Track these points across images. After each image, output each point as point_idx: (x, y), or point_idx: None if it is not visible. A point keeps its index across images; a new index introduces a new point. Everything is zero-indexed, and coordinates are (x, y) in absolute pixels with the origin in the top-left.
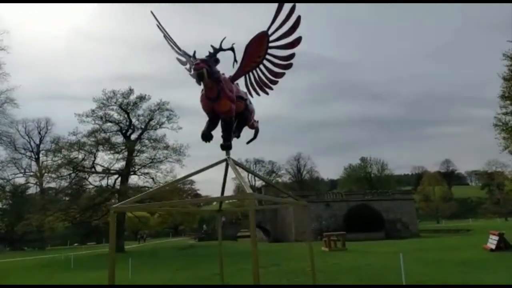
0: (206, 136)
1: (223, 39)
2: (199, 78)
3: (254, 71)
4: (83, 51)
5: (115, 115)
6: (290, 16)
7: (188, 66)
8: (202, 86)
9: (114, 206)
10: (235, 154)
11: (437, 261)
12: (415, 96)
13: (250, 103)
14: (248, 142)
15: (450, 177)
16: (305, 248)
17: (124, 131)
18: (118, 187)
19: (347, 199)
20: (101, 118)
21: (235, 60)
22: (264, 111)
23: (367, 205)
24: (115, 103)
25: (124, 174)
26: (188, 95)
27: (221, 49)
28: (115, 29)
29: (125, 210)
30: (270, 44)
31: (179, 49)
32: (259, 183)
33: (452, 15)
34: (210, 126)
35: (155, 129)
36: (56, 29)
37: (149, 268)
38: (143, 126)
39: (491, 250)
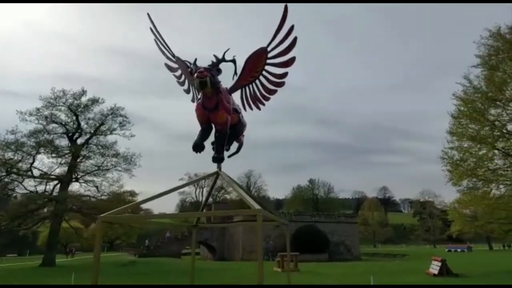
0: (199, 146)
1: (227, 50)
2: (201, 86)
3: (250, 86)
4: (26, 45)
5: (62, 116)
6: (289, 35)
7: (178, 73)
8: (190, 95)
9: (101, 215)
10: (185, 167)
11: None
12: (362, 126)
13: (242, 116)
14: (230, 156)
15: (386, 203)
16: (253, 267)
17: (70, 134)
18: (57, 193)
19: (296, 220)
20: (46, 118)
21: (235, 73)
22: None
23: (314, 226)
24: (64, 103)
25: (65, 180)
26: (138, 104)
27: (223, 59)
28: (66, 27)
29: (113, 220)
30: (268, 61)
31: (173, 54)
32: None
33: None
34: (203, 136)
35: (105, 135)
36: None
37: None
38: (92, 131)
39: (434, 275)
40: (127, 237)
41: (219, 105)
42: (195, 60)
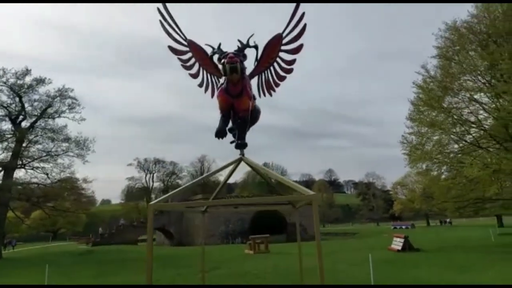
0: (223, 132)
1: (251, 36)
2: (232, 71)
3: (265, 72)
4: None
5: (3, 97)
6: (300, 22)
7: (186, 56)
8: (209, 82)
9: (152, 203)
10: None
11: (362, 261)
12: (311, 110)
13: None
14: (232, 142)
15: (332, 185)
16: (223, 250)
17: (13, 117)
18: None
19: (255, 203)
20: None
21: (257, 59)
22: (161, 108)
23: (273, 209)
24: (5, 83)
25: (10, 167)
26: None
27: (248, 45)
28: None
29: (165, 208)
30: (282, 47)
31: (185, 37)
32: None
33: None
34: (225, 122)
35: (53, 118)
36: None
37: (62, 275)
38: (38, 113)
39: (398, 250)
40: (72, 225)
41: (243, 92)
42: (220, 44)
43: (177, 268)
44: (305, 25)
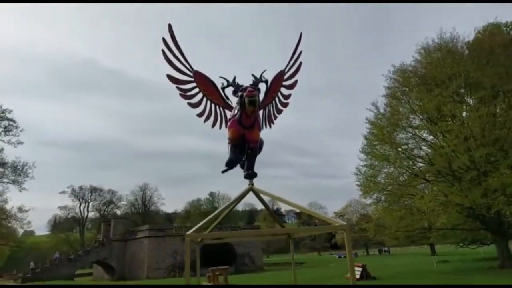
0: (234, 162)
1: (264, 71)
2: (252, 104)
3: (269, 105)
4: None
5: None
6: (297, 60)
7: (189, 86)
8: (217, 113)
9: (189, 232)
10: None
11: None
12: None
13: None
14: (223, 171)
15: (275, 214)
16: (174, 283)
17: None
18: None
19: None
20: None
21: (267, 93)
22: (93, 132)
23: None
24: None
25: None
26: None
27: (261, 80)
28: None
29: (201, 237)
30: (283, 83)
31: (191, 68)
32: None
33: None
34: (238, 152)
35: None
36: None
37: None
38: None
39: (357, 279)
40: None
41: (255, 124)
42: (234, 78)
43: None
44: (300, 63)
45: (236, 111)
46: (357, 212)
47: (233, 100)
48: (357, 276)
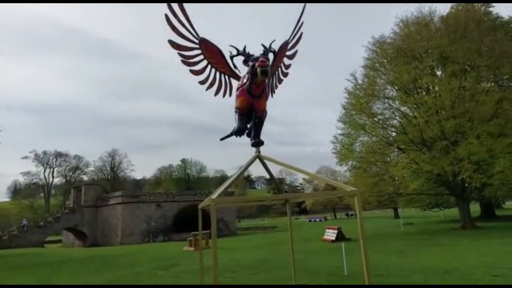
0: (243, 130)
1: (273, 41)
2: (264, 74)
3: (273, 75)
4: None
5: None
6: (299, 31)
7: (193, 53)
8: (225, 82)
9: (213, 198)
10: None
11: (314, 252)
12: (222, 106)
13: None
14: (222, 139)
15: (245, 181)
16: (158, 249)
17: None
18: None
19: (178, 200)
20: None
21: (273, 63)
22: (59, 96)
23: (197, 205)
24: None
25: None
26: None
27: (270, 49)
28: None
29: (226, 203)
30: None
31: (197, 35)
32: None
33: None
34: (246, 121)
35: None
36: None
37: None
38: None
39: (332, 241)
40: None
41: (263, 93)
42: (245, 47)
43: (124, 268)
44: (301, 34)
45: (245, 80)
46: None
47: (242, 69)
48: (333, 238)
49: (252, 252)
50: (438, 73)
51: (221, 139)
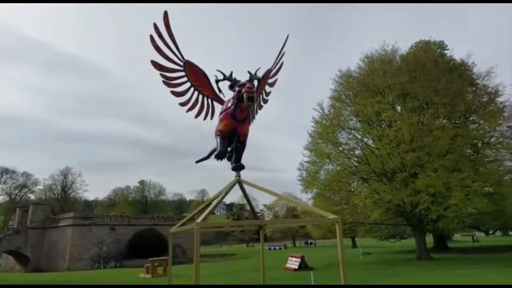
0: (224, 154)
1: (258, 69)
2: (250, 100)
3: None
4: None
5: None
6: (280, 60)
7: (176, 74)
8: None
9: (197, 221)
10: None
11: (276, 280)
12: (181, 127)
13: None
14: (198, 161)
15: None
16: (110, 276)
17: None
18: None
19: (134, 223)
20: None
21: (256, 90)
22: (8, 108)
23: (154, 229)
24: None
25: None
26: None
27: (255, 77)
28: None
29: (209, 227)
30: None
31: (182, 57)
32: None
33: None
34: (227, 145)
35: None
36: None
37: None
38: None
39: (295, 269)
40: None
41: (247, 118)
42: (231, 72)
43: None
44: (282, 63)
45: (229, 104)
46: (285, 206)
47: (226, 94)
48: (295, 266)
49: (214, 280)
50: (399, 108)
51: (197, 162)
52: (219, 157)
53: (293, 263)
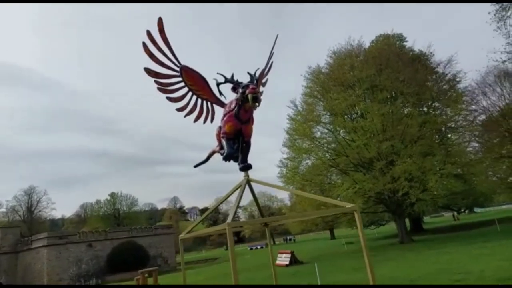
0: (233, 155)
1: (257, 70)
2: (255, 101)
3: None
4: None
5: None
6: (270, 60)
7: (171, 80)
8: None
9: (228, 222)
10: None
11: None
12: (146, 135)
13: None
14: (196, 166)
15: (179, 212)
16: None
17: None
18: None
19: (112, 237)
20: None
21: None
22: None
23: (133, 242)
24: None
25: None
26: None
27: (255, 77)
28: None
29: (240, 225)
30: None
31: (178, 62)
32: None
33: None
34: (235, 146)
35: None
36: None
37: None
38: None
39: (286, 265)
40: None
41: (251, 119)
42: (233, 74)
43: None
44: (272, 63)
45: (233, 106)
46: (262, 205)
47: (228, 96)
48: (286, 262)
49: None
50: (369, 100)
51: (195, 166)
52: (228, 158)
53: (283, 259)
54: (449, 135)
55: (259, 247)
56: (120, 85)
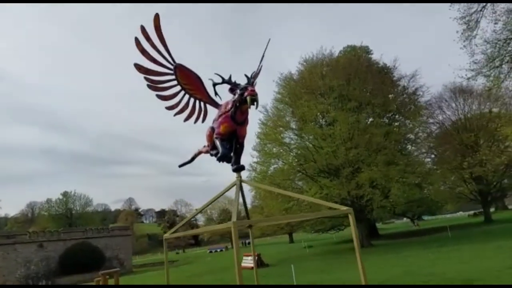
0: (227, 156)
1: (253, 72)
2: (253, 103)
3: None
4: None
5: None
6: (261, 63)
7: (164, 78)
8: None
9: (234, 220)
10: None
11: (233, 280)
12: (100, 134)
13: None
14: (181, 165)
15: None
16: None
17: None
18: None
19: (65, 238)
20: None
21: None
22: None
23: (87, 243)
24: None
25: None
26: None
27: (252, 79)
28: None
29: (245, 224)
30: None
31: (173, 60)
32: None
33: None
34: (230, 147)
35: None
36: None
37: None
38: None
39: (252, 268)
40: None
41: (245, 120)
42: (230, 75)
43: None
44: (262, 66)
45: (229, 107)
46: (219, 208)
47: (224, 97)
48: (253, 265)
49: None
50: (338, 109)
51: (180, 166)
52: (222, 159)
53: (249, 261)
54: (408, 146)
55: (218, 250)
56: (72, 81)
